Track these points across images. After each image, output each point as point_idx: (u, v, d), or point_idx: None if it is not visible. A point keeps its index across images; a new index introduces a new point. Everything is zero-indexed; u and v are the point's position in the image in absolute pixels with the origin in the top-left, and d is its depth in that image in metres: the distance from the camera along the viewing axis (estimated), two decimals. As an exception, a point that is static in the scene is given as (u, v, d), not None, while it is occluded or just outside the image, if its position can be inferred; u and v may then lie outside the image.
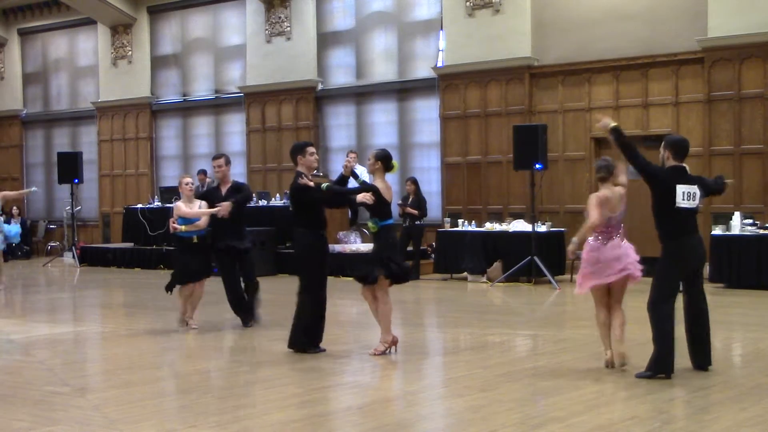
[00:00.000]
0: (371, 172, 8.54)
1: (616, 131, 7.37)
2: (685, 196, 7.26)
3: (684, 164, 7.41)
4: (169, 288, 10.42)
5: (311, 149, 8.77)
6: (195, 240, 10.25)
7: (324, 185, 8.45)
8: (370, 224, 8.44)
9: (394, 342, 8.44)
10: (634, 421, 6.01)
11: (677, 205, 7.24)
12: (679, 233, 7.31)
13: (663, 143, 7.51)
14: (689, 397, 6.74)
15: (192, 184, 10.43)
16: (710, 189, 7.68)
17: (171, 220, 10.33)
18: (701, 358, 7.50)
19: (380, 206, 8.29)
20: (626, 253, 7.65)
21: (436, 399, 7.09)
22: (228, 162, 10.54)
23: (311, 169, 8.70)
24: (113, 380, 7.87)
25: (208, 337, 9.98)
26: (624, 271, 7.58)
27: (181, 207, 10.26)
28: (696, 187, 7.34)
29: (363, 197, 8.17)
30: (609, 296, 7.72)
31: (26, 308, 13.22)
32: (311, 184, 8.39)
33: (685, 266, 7.35)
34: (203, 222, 10.28)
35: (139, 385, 7.51)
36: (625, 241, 7.71)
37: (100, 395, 7.07)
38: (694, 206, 7.35)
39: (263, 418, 6.27)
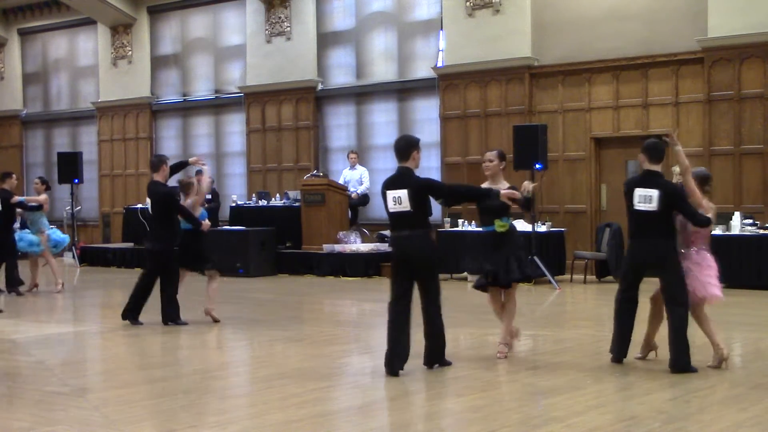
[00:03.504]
0: (494, 173, 8.65)
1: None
2: (642, 199, 7.61)
3: (658, 168, 7.69)
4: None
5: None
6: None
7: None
8: (499, 223, 8.35)
9: (517, 335, 8.71)
10: (634, 421, 6.01)
11: (634, 207, 7.66)
12: (632, 235, 7.80)
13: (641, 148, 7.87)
14: (689, 397, 6.74)
15: None
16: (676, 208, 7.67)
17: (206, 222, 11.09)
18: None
19: (508, 206, 8.24)
20: None
21: (436, 399, 7.09)
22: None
23: (417, 167, 8.26)
24: (113, 380, 7.87)
25: (207, 337, 9.98)
26: None
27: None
28: (655, 191, 7.52)
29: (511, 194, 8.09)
30: None
31: (26, 308, 13.21)
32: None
33: (631, 263, 7.84)
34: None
35: (139, 385, 7.51)
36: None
37: (100, 395, 7.07)
38: (652, 209, 7.55)
39: (263, 418, 6.27)
